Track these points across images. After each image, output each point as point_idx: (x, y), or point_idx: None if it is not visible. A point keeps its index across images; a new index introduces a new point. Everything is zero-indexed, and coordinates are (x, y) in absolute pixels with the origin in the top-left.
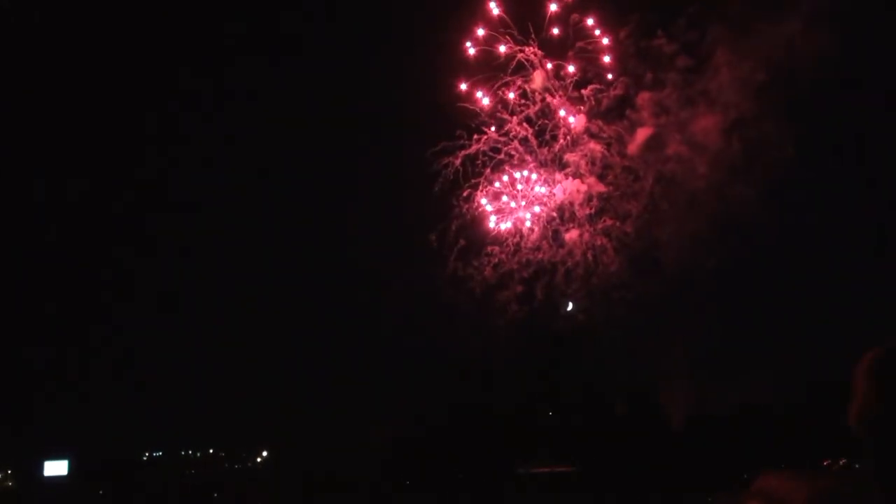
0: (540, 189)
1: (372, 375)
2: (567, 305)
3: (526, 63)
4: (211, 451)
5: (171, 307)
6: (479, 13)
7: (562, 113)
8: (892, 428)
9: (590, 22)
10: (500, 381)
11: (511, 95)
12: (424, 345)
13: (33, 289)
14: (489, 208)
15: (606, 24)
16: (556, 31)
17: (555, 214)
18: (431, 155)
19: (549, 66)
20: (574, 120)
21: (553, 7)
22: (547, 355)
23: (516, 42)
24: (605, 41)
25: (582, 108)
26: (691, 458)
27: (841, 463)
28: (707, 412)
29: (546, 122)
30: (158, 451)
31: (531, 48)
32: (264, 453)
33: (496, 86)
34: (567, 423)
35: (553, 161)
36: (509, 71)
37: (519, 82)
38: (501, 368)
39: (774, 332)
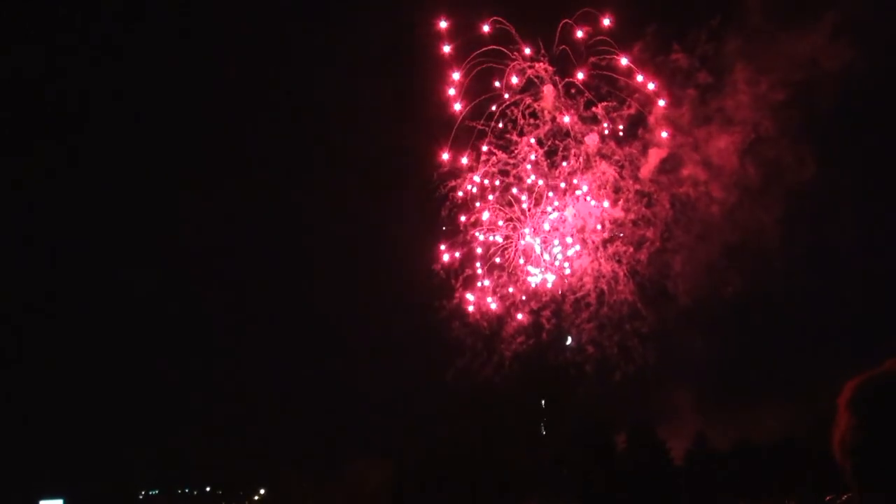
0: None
1: (370, 413)
2: (567, 339)
3: (536, 80)
4: (208, 489)
5: (169, 344)
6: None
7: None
8: (872, 457)
9: (621, 59)
10: (501, 417)
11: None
12: (424, 380)
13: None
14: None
15: (620, 41)
16: (574, 58)
17: (567, 240)
18: (438, 177)
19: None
20: (588, 140)
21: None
22: (550, 388)
23: (524, 59)
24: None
25: (595, 128)
26: (691, 493)
27: (844, 498)
28: (709, 448)
29: (557, 143)
30: (155, 489)
31: (542, 64)
32: (262, 491)
33: (503, 105)
34: (568, 460)
35: (564, 184)
36: (519, 89)
37: (528, 100)
38: (503, 403)
39: (782, 364)
